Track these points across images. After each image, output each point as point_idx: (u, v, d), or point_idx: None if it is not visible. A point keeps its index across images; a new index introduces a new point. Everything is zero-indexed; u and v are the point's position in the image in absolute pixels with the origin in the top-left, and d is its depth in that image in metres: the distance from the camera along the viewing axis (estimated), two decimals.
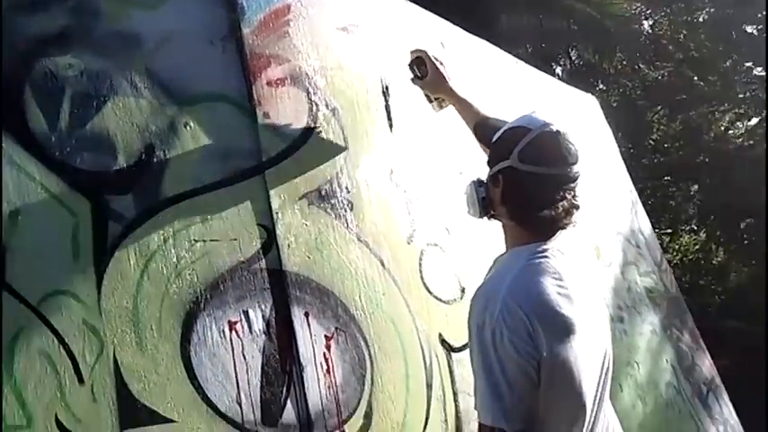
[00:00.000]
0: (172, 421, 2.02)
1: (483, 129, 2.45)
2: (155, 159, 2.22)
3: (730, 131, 15.07)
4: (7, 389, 1.81)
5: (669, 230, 13.13)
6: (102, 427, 1.91)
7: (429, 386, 2.67)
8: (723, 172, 12.76)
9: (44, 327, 1.91)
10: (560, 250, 1.98)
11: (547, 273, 1.92)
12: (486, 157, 2.18)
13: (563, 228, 2.01)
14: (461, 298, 2.96)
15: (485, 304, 1.90)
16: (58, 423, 1.86)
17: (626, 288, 4.37)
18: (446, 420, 2.68)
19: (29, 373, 1.85)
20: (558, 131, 1.99)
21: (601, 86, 13.76)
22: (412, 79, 2.84)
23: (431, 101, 2.86)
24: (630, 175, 5.39)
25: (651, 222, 5.43)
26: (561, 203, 1.97)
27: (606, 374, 2.03)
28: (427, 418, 2.61)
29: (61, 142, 2.07)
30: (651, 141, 14.22)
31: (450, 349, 2.81)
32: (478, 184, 2.15)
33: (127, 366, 1.99)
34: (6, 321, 1.85)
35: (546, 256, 1.95)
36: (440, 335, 2.80)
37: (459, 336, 2.85)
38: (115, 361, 1.98)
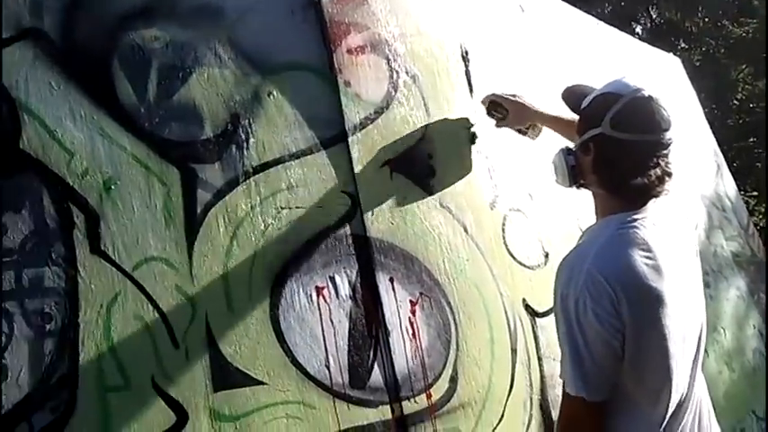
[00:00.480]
0: (263, 383, 2.07)
1: (571, 95, 2.39)
2: (240, 129, 2.25)
3: None
4: (105, 351, 1.87)
5: (755, 193, 12.69)
6: (197, 389, 1.97)
7: (514, 351, 2.67)
8: None
9: (139, 292, 1.97)
10: (652, 220, 1.93)
11: (634, 243, 1.87)
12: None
13: (655, 196, 1.96)
14: (545, 263, 2.94)
15: (569, 274, 1.88)
16: (155, 385, 1.92)
17: (712, 252, 4.26)
18: (531, 385, 2.68)
19: (126, 337, 1.91)
20: (650, 97, 1.94)
21: (683, 45, 13.32)
22: (496, 124, 2.84)
23: (524, 133, 2.84)
24: (715, 136, 5.23)
25: (736, 185, 5.27)
26: (654, 171, 1.92)
27: (700, 348, 1.99)
28: (512, 383, 2.61)
29: (150, 113, 2.12)
30: (736, 101, 13.70)
31: (534, 314, 2.80)
32: (567, 152, 2.12)
33: (219, 330, 2.04)
34: (102, 287, 1.92)
35: (635, 227, 1.90)
36: (524, 300, 2.79)
37: (544, 301, 2.84)
38: (207, 325, 2.03)
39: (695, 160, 4.65)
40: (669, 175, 1.95)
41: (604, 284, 1.80)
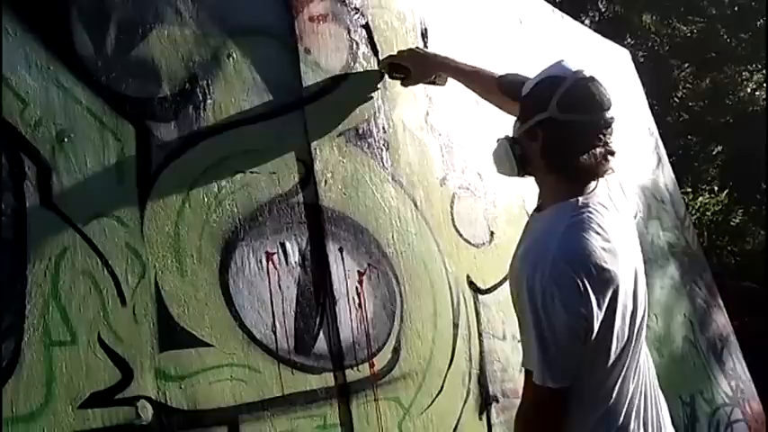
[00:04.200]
0: (209, 345, 2.07)
1: (506, 85, 2.42)
2: (198, 89, 2.23)
3: (757, 93, 14.86)
4: (52, 305, 1.85)
5: (689, 189, 13.04)
6: (143, 347, 1.96)
7: (456, 325, 2.72)
8: (747, 134, 12.63)
9: (88, 247, 1.94)
10: (602, 204, 1.99)
11: (591, 229, 1.91)
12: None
13: (602, 175, 2.01)
14: (490, 242, 3.00)
15: (534, 265, 1.90)
16: (101, 341, 1.90)
17: (648, 242, 4.38)
18: (470, 359, 2.74)
19: (73, 292, 1.89)
20: (591, 77, 1.99)
21: (629, 40, 13.54)
22: (402, 83, 2.76)
23: (433, 83, 2.80)
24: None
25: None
26: (599, 150, 1.97)
27: (643, 324, 2.06)
28: (453, 356, 2.67)
29: (107, 67, 2.08)
30: (677, 99, 14.02)
31: (477, 291, 2.87)
32: (512, 141, 2.12)
33: (167, 290, 2.04)
34: (51, 240, 1.88)
35: (589, 212, 1.95)
36: (468, 277, 2.85)
37: (487, 279, 2.90)
38: (156, 285, 2.02)
39: (638, 151, 4.77)
40: (612, 153, 2.00)
41: (570, 274, 1.85)
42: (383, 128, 2.67)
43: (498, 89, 2.47)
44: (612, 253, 1.91)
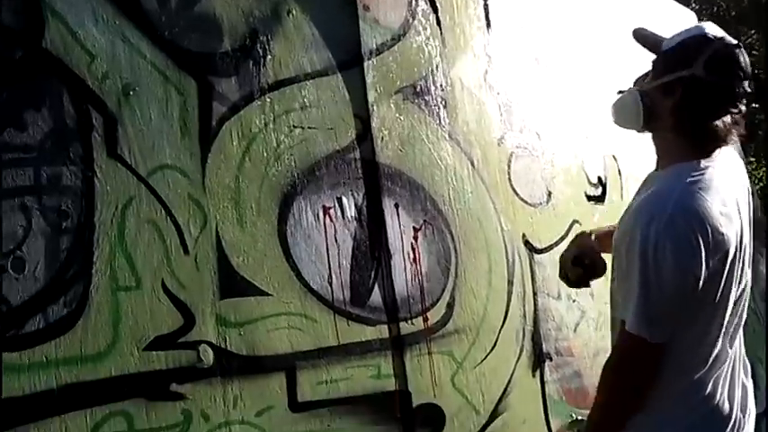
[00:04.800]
0: (268, 294, 2.13)
1: (648, 37, 2.34)
2: (258, 44, 2.27)
3: None
4: (118, 252, 1.92)
5: (752, 159, 12.71)
6: (204, 293, 2.03)
7: (510, 283, 2.75)
8: None
9: (152, 197, 2.01)
10: (722, 169, 1.95)
11: (711, 191, 1.88)
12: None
13: (728, 143, 1.98)
14: (547, 202, 3.00)
15: (650, 217, 1.86)
16: (164, 287, 1.97)
17: None
18: (524, 316, 2.77)
19: (138, 239, 1.96)
20: (738, 44, 1.94)
21: (694, 5, 13.17)
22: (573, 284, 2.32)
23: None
24: None
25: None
26: (732, 118, 1.93)
27: (744, 295, 2.04)
28: (506, 314, 2.70)
29: (171, 23, 2.13)
30: None
31: (532, 250, 2.88)
32: (643, 94, 2.05)
33: (228, 240, 2.10)
34: (118, 190, 1.96)
35: (710, 174, 1.91)
36: (523, 235, 2.86)
37: (543, 238, 2.91)
38: (217, 235, 2.08)
39: None
40: (738, 124, 1.96)
41: (686, 230, 1.82)
42: (441, 86, 2.68)
43: (633, 37, 2.40)
44: (728, 217, 1.88)
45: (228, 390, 2.02)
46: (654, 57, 2.05)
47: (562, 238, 3.01)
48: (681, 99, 1.94)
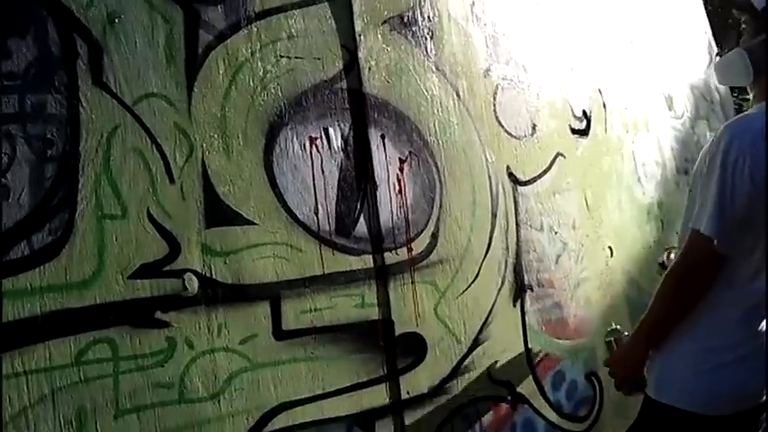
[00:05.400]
0: (253, 224, 2.15)
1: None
2: None
3: None
4: (104, 180, 1.92)
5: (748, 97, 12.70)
6: (190, 222, 2.04)
7: (494, 215, 2.78)
8: None
9: (138, 126, 2.00)
10: None
11: None
12: None
13: None
14: (532, 135, 3.01)
15: (735, 133, 2.07)
16: (150, 216, 1.98)
17: (694, 142, 4.35)
18: (507, 248, 2.81)
19: (123, 168, 1.95)
20: None
21: None
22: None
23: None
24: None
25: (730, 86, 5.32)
26: None
27: None
28: (489, 245, 2.74)
29: None
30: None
31: (516, 182, 2.90)
32: (747, 51, 2.24)
33: (214, 170, 2.10)
34: (103, 118, 1.94)
35: None
36: (507, 167, 2.88)
37: (527, 170, 2.93)
38: (203, 164, 2.09)
39: (689, 50, 4.67)
40: None
41: (765, 150, 2.00)
42: (428, 17, 2.66)
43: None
44: None
45: (213, 318, 2.04)
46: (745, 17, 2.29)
47: (545, 171, 3.04)
48: None
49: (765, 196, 2.01)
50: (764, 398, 2.22)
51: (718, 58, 2.33)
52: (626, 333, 2.45)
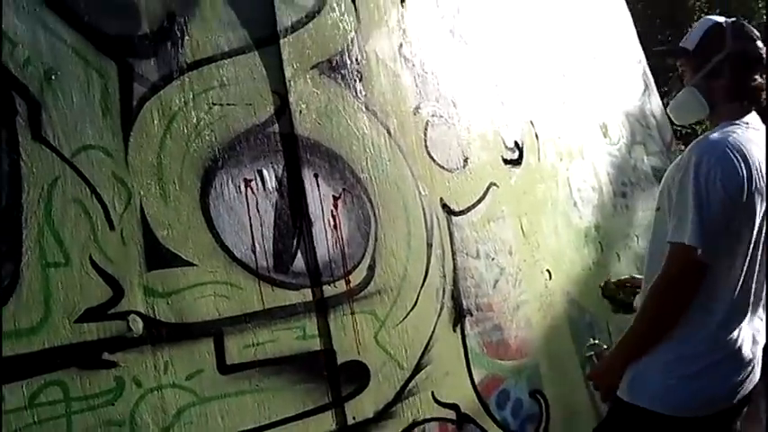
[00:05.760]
0: (193, 264, 2.26)
1: (678, 50, 2.63)
2: (176, 26, 2.36)
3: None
4: (46, 231, 2.02)
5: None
6: (132, 266, 2.14)
7: (429, 245, 2.90)
8: None
9: (77, 177, 2.10)
10: (755, 127, 2.32)
11: (751, 141, 2.24)
12: None
13: (762, 101, 2.39)
14: (464, 167, 3.15)
15: (705, 150, 2.20)
16: (93, 262, 2.08)
17: (631, 166, 4.51)
18: (444, 276, 2.93)
19: (65, 218, 2.06)
20: (741, 21, 2.42)
21: None
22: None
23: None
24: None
25: (664, 108, 5.51)
26: (764, 77, 2.38)
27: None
28: (426, 273, 2.86)
29: (89, 8, 2.20)
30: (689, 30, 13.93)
31: (450, 213, 3.04)
32: (696, 87, 2.43)
33: (152, 215, 2.21)
34: (43, 171, 2.05)
35: (752, 127, 2.30)
36: (441, 199, 3.02)
37: (461, 201, 3.07)
38: (142, 210, 2.19)
39: (624, 78, 4.85)
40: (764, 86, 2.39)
41: (735, 163, 2.16)
42: (356, 59, 2.81)
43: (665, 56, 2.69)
44: (760, 170, 2.21)
45: (159, 356, 2.14)
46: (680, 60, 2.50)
47: (479, 201, 3.18)
48: (730, 74, 2.37)
49: (743, 207, 2.16)
50: (738, 399, 2.29)
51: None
52: (605, 346, 2.59)
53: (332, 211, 2.60)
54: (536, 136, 3.66)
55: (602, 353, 2.56)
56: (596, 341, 2.69)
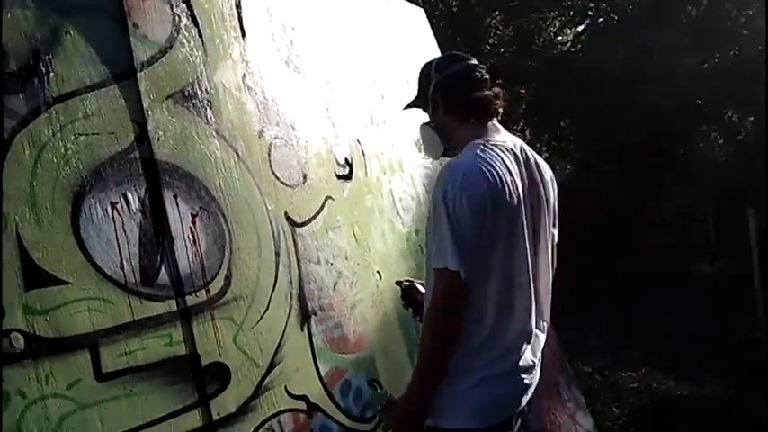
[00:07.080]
0: (68, 283, 2.43)
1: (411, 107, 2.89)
2: (41, 63, 2.53)
3: (559, 37, 16.09)
4: None
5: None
6: (11, 288, 2.29)
7: (277, 254, 3.22)
8: (550, 75, 13.70)
9: None
10: (506, 148, 2.49)
11: (496, 159, 2.40)
12: None
13: (495, 112, 2.61)
14: (304, 183, 3.49)
15: (449, 178, 2.35)
16: None
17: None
18: (291, 281, 3.26)
19: None
20: (460, 49, 2.78)
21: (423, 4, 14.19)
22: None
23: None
24: None
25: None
26: (486, 91, 2.59)
27: (538, 259, 2.56)
28: (276, 280, 3.17)
29: None
30: (488, 46, 14.99)
31: (294, 224, 3.37)
32: (426, 125, 2.70)
33: (28, 239, 2.37)
34: None
35: (495, 149, 2.45)
36: (285, 212, 3.34)
37: (302, 213, 3.40)
38: (17, 234, 2.35)
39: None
40: (498, 98, 2.61)
41: (476, 184, 2.31)
42: (206, 89, 3.07)
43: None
44: (512, 179, 2.40)
45: (40, 369, 2.30)
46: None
47: (318, 213, 3.52)
48: (444, 101, 2.61)
49: (493, 222, 2.31)
50: (520, 408, 2.51)
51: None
52: (390, 394, 2.83)
53: (191, 227, 2.84)
54: (362, 153, 4.04)
55: (392, 398, 2.73)
56: (379, 389, 2.93)
